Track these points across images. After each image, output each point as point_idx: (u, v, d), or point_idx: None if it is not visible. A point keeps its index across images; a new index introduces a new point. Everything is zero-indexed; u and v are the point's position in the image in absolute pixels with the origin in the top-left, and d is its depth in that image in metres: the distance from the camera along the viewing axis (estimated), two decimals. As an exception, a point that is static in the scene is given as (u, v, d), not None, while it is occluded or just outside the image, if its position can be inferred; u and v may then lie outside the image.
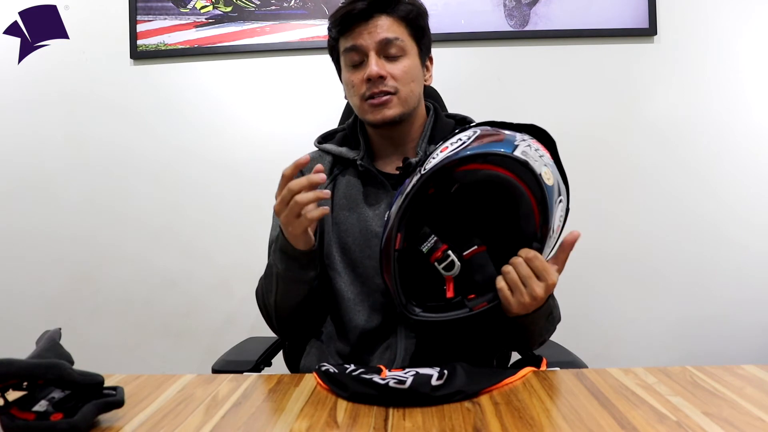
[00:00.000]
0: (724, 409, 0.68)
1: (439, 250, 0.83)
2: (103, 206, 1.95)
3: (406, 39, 1.02)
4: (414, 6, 1.04)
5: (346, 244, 1.05)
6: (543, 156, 0.83)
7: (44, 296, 1.96)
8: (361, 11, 0.99)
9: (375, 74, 0.99)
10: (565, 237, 0.85)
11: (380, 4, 1.00)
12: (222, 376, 0.84)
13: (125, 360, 1.93)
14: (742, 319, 1.84)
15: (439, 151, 0.84)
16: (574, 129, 1.86)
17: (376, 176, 1.06)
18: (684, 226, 1.86)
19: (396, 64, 1.01)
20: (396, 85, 1.01)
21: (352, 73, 1.03)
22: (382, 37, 1.00)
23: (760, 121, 1.86)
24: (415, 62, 1.04)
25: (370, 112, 1.02)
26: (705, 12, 1.85)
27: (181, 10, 1.91)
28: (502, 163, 0.79)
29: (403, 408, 0.70)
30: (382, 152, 1.10)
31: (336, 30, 1.04)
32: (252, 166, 1.91)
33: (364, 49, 1.00)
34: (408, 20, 1.03)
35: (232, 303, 1.91)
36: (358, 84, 1.02)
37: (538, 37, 1.85)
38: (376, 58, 1.00)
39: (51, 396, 0.65)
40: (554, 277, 0.82)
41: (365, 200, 1.06)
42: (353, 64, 1.03)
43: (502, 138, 0.81)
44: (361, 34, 1.00)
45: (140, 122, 1.94)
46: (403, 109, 1.02)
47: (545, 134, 0.89)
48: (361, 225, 1.05)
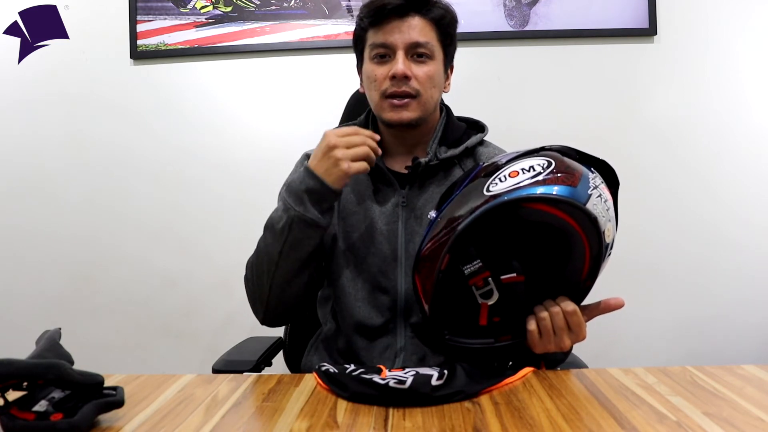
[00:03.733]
0: (724, 409, 0.68)
1: (480, 276, 0.80)
2: (103, 206, 1.95)
3: (435, 44, 1.02)
4: (448, 12, 1.04)
5: (352, 239, 1.05)
6: (609, 209, 0.80)
7: (44, 296, 1.96)
8: (397, 7, 0.99)
9: (401, 73, 0.98)
10: (611, 301, 0.84)
11: (416, 3, 1.00)
12: (222, 376, 0.84)
13: (125, 360, 1.93)
14: (742, 319, 1.84)
15: (507, 174, 0.80)
16: (574, 129, 1.86)
17: (385, 174, 1.05)
18: (684, 226, 1.85)
19: (422, 66, 1.01)
20: (418, 88, 1.00)
21: (376, 67, 1.02)
22: (413, 40, 0.99)
23: (760, 121, 1.86)
24: (439, 68, 1.04)
25: (389, 111, 1.02)
26: (705, 12, 1.85)
27: (181, 10, 1.91)
28: (571, 213, 0.77)
29: (403, 408, 0.70)
30: (392, 150, 1.09)
31: (368, 20, 1.02)
32: (252, 166, 1.91)
33: (393, 46, 1.00)
34: (440, 25, 1.02)
35: (232, 303, 1.91)
36: (381, 79, 1.01)
37: (538, 37, 1.85)
38: (404, 57, 0.99)
39: (51, 396, 0.65)
40: (585, 333, 0.82)
41: (373, 197, 1.06)
42: (379, 56, 1.02)
43: (576, 182, 0.78)
44: (392, 31, 1.00)
45: (140, 122, 1.94)
46: (421, 113, 1.02)
47: (612, 174, 0.87)
48: (368, 222, 1.04)
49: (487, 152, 1.10)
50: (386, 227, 1.04)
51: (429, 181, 1.06)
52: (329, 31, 1.88)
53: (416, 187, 1.05)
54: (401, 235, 1.03)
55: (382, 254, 1.03)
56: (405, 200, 1.04)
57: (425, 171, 1.05)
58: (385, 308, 1.01)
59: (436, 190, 1.05)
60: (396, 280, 1.01)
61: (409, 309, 1.01)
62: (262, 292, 1.01)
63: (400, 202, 1.04)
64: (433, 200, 1.04)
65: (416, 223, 1.03)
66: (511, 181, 0.79)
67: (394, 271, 1.01)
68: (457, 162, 1.08)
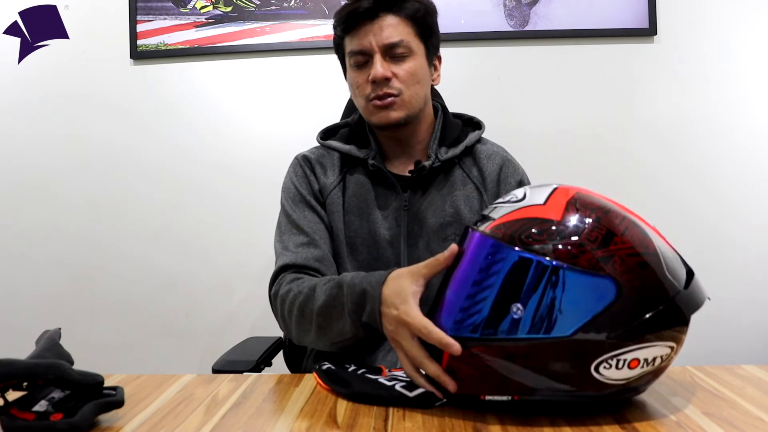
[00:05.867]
0: (724, 409, 0.68)
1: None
2: (103, 206, 1.95)
3: (412, 39, 1.01)
4: (421, 4, 1.02)
5: (355, 245, 1.04)
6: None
7: (44, 296, 1.96)
8: (367, 10, 0.98)
9: (380, 76, 0.98)
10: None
11: (386, 2, 0.98)
12: (222, 376, 0.84)
13: (125, 360, 1.93)
14: (742, 319, 1.84)
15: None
16: (574, 129, 1.86)
17: (387, 177, 1.05)
18: (684, 226, 1.85)
19: (401, 65, 1.00)
20: (400, 86, 0.99)
21: (357, 74, 1.02)
22: (388, 42, 0.98)
23: (760, 121, 1.86)
24: (422, 63, 1.02)
25: (375, 114, 1.01)
26: (705, 12, 1.85)
27: (181, 10, 1.91)
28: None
29: (403, 408, 0.70)
30: (390, 152, 1.09)
31: (341, 28, 1.02)
32: (252, 166, 1.91)
33: (369, 51, 0.99)
34: (415, 19, 1.01)
35: (232, 303, 1.91)
36: (363, 85, 1.01)
37: (538, 37, 1.85)
38: (381, 59, 0.99)
39: (51, 396, 0.65)
40: None
41: (374, 202, 1.05)
42: (358, 64, 1.02)
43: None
44: (366, 35, 0.99)
45: (140, 122, 1.94)
46: (407, 111, 1.01)
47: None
48: (371, 227, 1.04)
49: (485, 150, 1.10)
50: (389, 232, 1.03)
51: (430, 184, 1.06)
52: (329, 31, 1.86)
53: (418, 191, 1.05)
54: (404, 240, 1.03)
55: (385, 259, 1.03)
56: (407, 204, 1.04)
57: (427, 174, 1.04)
58: None
59: (436, 192, 1.05)
60: None
61: None
62: (299, 340, 0.95)
63: (402, 206, 1.04)
64: (435, 203, 1.04)
65: (418, 226, 1.03)
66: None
67: None
68: (457, 162, 1.08)
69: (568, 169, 1.86)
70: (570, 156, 1.87)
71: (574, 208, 0.66)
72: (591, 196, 0.69)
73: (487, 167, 1.08)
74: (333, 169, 1.08)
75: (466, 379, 0.68)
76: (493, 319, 0.64)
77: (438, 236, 1.03)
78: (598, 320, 0.61)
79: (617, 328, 0.62)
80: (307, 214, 1.05)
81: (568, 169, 1.86)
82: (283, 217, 1.07)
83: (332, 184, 1.07)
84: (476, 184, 1.07)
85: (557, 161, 1.86)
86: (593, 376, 0.63)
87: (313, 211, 1.05)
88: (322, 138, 1.12)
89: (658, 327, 0.63)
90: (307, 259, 0.99)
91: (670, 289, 0.64)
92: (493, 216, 0.69)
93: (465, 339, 0.66)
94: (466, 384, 0.68)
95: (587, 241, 0.63)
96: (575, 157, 1.87)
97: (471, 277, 0.67)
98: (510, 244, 0.65)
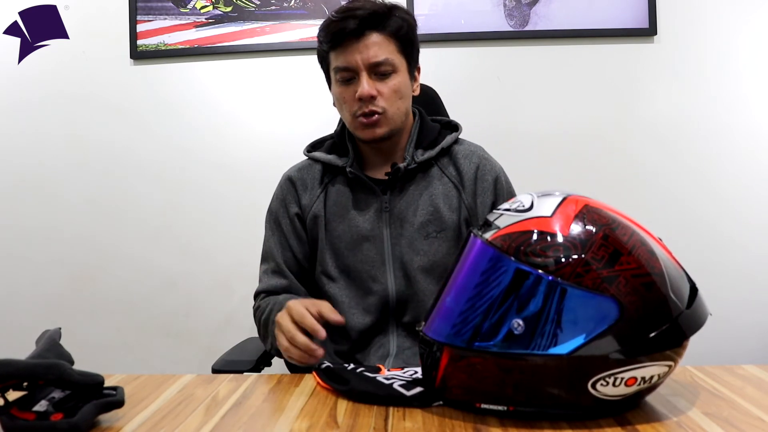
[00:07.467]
0: (724, 409, 0.68)
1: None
2: (103, 206, 1.95)
3: (396, 56, 1.04)
4: (405, 21, 1.05)
5: (339, 249, 1.08)
6: None
7: (44, 296, 1.96)
8: (353, 30, 1.01)
9: (366, 95, 1.01)
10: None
11: (371, 21, 1.01)
12: (222, 376, 0.84)
13: (125, 360, 1.93)
14: (742, 319, 1.84)
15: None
16: (574, 129, 1.86)
17: (365, 182, 1.08)
18: (684, 226, 1.85)
19: (386, 82, 1.03)
20: (384, 105, 1.03)
21: (343, 89, 1.05)
22: (374, 60, 1.01)
23: (760, 121, 1.86)
24: (404, 79, 1.06)
25: (361, 130, 1.05)
26: (705, 12, 1.85)
27: (181, 10, 1.91)
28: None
29: (403, 408, 0.70)
30: (370, 160, 1.12)
31: (327, 45, 1.05)
32: (252, 166, 1.91)
33: (355, 69, 1.02)
34: (398, 36, 1.04)
35: (232, 303, 1.91)
36: (350, 101, 1.04)
37: (538, 37, 1.85)
38: (367, 77, 1.02)
39: (51, 396, 0.65)
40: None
41: (355, 206, 1.09)
42: (344, 79, 1.04)
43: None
44: (352, 53, 1.02)
45: (140, 122, 1.94)
46: (390, 127, 1.05)
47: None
48: (352, 231, 1.08)
49: (462, 150, 1.13)
50: (371, 233, 1.07)
51: (408, 185, 1.09)
52: (329, 31, 1.88)
53: (397, 192, 1.09)
54: (387, 239, 1.07)
55: (370, 259, 1.07)
56: (387, 205, 1.08)
57: (404, 175, 1.08)
58: (377, 310, 1.06)
59: (415, 192, 1.09)
60: (386, 282, 1.06)
61: (400, 309, 1.06)
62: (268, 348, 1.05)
63: (382, 208, 1.08)
64: (414, 202, 1.08)
65: (399, 225, 1.07)
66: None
67: (384, 275, 1.06)
68: (434, 163, 1.11)
69: (568, 169, 1.86)
70: (570, 156, 1.87)
71: (582, 222, 0.66)
72: (600, 210, 0.68)
73: (464, 166, 1.11)
74: (314, 183, 1.13)
75: (462, 387, 0.68)
76: (490, 331, 0.64)
77: (420, 234, 1.07)
78: (598, 341, 0.61)
79: (617, 349, 0.61)
80: (282, 240, 1.12)
81: (568, 168, 1.86)
82: (264, 242, 1.15)
83: (313, 200, 1.12)
84: (454, 182, 1.10)
85: (557, 161, 1.86)
86: (589, 392, 0.63)
87: (287, 236, 1.12)
88: (309, 151, 1.17)
89: (658, 348, 0.63)
90: (276, 288, 1.10)
91: (673, 309, 0.64)
92: (499, 224, 0.69)
93: (462, 349, 0.66)
94: (462, 391, 0.68)
95: (593, 260, 0.63)
96: (575, 157, 1.87)
97: (471, 285, 0.67)
98: (512, 256, 0.64)
